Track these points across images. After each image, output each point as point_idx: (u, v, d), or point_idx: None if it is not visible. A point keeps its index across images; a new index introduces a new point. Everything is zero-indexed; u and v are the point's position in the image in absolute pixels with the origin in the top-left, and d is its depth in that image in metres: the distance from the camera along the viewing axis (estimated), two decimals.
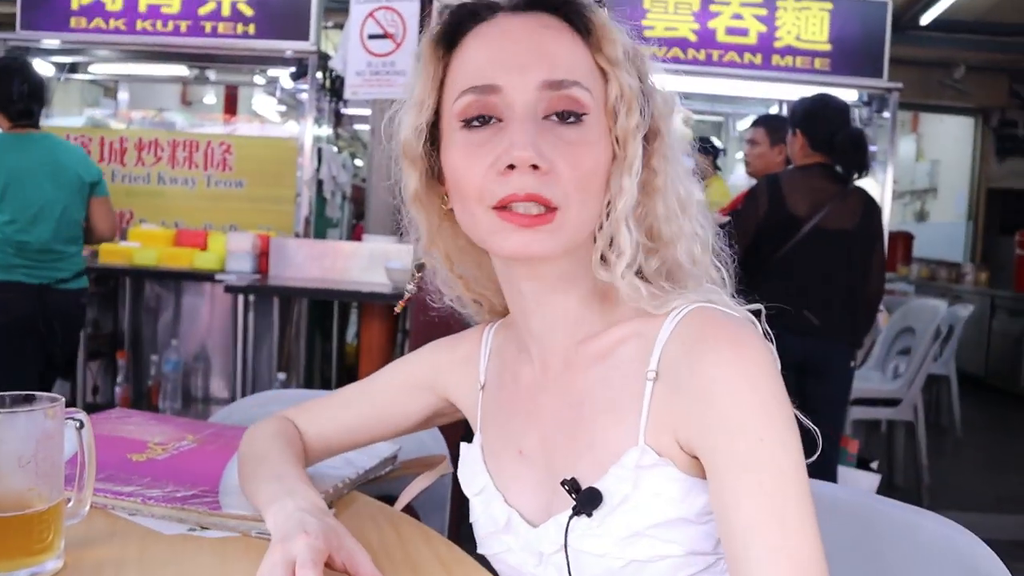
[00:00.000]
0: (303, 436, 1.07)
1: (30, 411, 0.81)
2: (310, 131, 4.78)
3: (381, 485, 1.21)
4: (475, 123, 0.80)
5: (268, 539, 0.85)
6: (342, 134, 6.27)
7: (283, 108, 7.98)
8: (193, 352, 4.63)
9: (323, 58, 4.86)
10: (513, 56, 0.79)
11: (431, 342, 1.08)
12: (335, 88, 5.03)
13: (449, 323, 1.09)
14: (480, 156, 0.79)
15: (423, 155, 0.86)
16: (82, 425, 0.88)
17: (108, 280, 4.66)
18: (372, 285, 3.99)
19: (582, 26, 0.81)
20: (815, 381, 2.92)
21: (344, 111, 5.69)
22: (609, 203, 0.81)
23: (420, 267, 0.96)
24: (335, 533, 0.81)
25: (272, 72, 5.67)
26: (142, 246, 4.46)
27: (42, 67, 5.51)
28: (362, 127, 7.09)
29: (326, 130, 5.24)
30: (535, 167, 0.76)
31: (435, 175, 0.88)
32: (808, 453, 0.81)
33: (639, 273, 0.83)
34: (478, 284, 0.98)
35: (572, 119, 0.79)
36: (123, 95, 6.41)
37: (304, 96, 4.88)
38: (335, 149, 5.48)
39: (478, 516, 0.96)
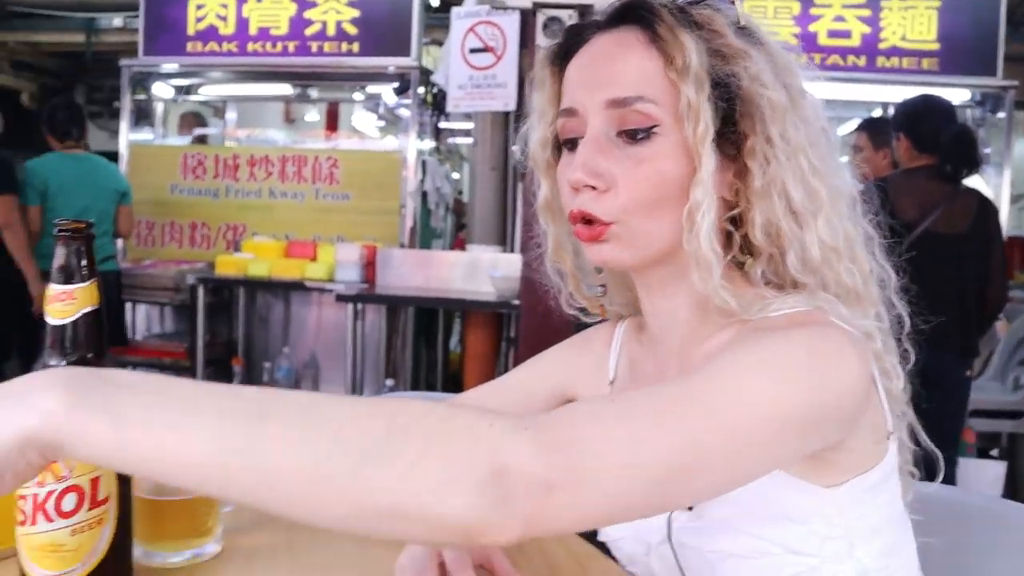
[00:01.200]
0: None
1: None
2: (413, 144, 4.90)
3: None
4: (568, 144, 0.85)
5: None
6: (441, 148, 6.39)
7: (382, 123, 8.17)
8: (303, 359, 4.79)
9: (424, 73, 4.97)
10: (587, 78, 0.82)
11: (562, 342, 1.10)
12: (436, 102, 5.14)
13: (558, 328, 1.11)
14: (565, 175, 0.84)
15: (550, 164, 0.90)
16: None
17: (223, 290, 4.87)
18: (476, 294, 4.06)
19: (655, 37, 0.80)
20: (929, 391, 2.82)
21: (442, 125, 5.80)
22: (688, 213, 0.80)
23: (599, 268, 0.97)
24: None
25: (373, 88, 5.83)
26: (255, 258, 4.64)
27: (162, 90, 5.83)
28: (460, 140, 7.22)
29: (428, 143, 5.35)
30: (591, 187, 0.80)
31: None
32: (928, 476, 0.79)
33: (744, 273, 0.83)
34: (610, 291, 1.00)
35: (641, 135, 0.80)
36: (231, 115, 6.69)
37: (403, 111, 5.01)
38: (437, 160, 5.59)
39: None
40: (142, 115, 5.77)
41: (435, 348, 4.87)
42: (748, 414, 0.64)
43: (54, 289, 0.73)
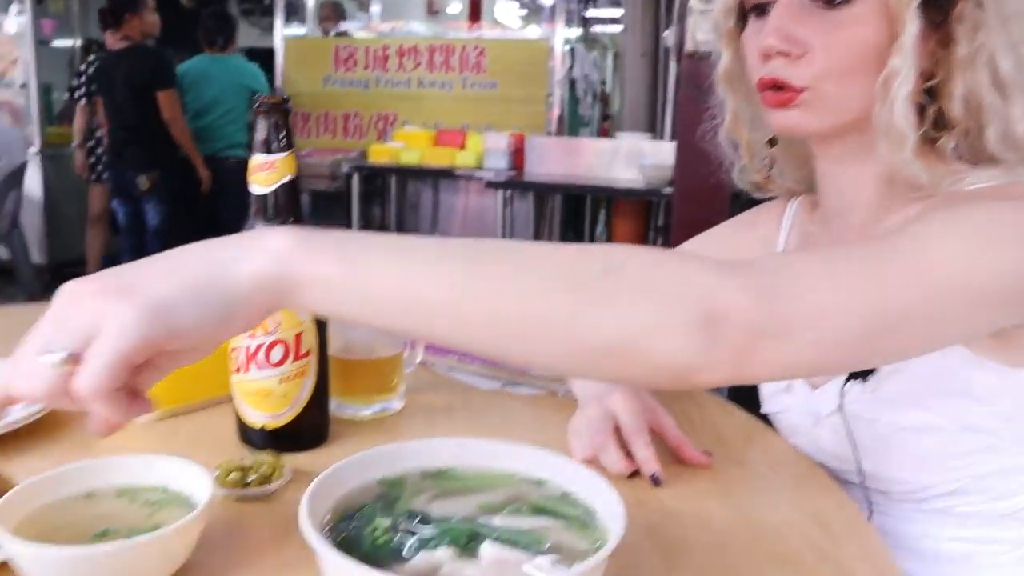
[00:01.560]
0: None
1: None
2: (560, 32, 4.82)
3: None
4: (757, 9, 0.82)
5: (573, 399, 0.92)
6: (586, 37, 6.24)
7: (524, 12, 8.04)
8: None
9: None
10: None
11: (725, 222, 1.09)
12: None
13: (715, 213, 1.09)
14: (753, 43, 0.81)
15: (734, 34, 0.87)
16: None
17: (376, 178, 5.03)
18: (623, 182, 4.02)
19: None
20: None
21: (589, 14, 5.65)
22: (883, 80, 0.76)
23: (772, 142, 0.94)
24: (645, 394, 0.86)
25: None
26: (406, 146, 4.75)
27: None
28: (606, 28, 7.02)
29: (576, 31, 5.24)
30: (783, 52, 0.77)
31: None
32: None
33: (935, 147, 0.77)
34: (782, 167, 0.97)
35: (833, 2, 0.75)
36: (375, 8, 6.73)
37: (546, 1, 4.91)
38: (584, 48, 5.48)
39: (766, 389, 0.98)
40: (292, 11, 5.89)
41: (582, 236, 4.88)
42: (949, 278, 0.62)
43: (257, 160, 0.78)
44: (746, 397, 1.02)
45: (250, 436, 0.83)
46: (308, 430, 0.84)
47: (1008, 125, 0.76)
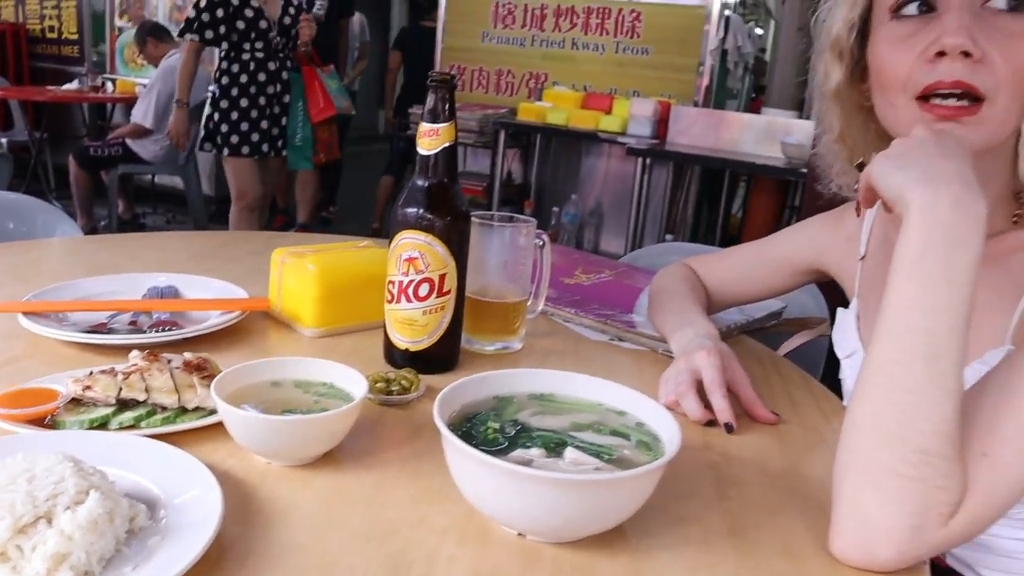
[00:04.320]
0: (703, 282, 1.26)
1: (514, 227, 1.09)
2: None
3: (762, 337, 1.36)
4: (906, 12, 0.82)
5: (671, 357, 1.06)
6: (747, 1, 6.12)
7: None
8: (589, 207, 5.05)
9: None
10: None
11: (818, 216, 1.17)
12: None
13: (842, 199, 1.16)
14: (908, 46, 0.81)
15: (851, 50, 0.91)
16: (544, 245, 1.15)
17: (522, 136, 5.20)
18: (765, 159, 4.02)
19: None
20: None
21: None
22: None
23: (861, 166, 1.00)
24: (727, 355, 0.99)
25: None
26: (554, 107, 4.89)
27: None
28: None
29: None
30: (966, 54, 0.76)
31: (859, 72, 0.92)
32: None
33: None
34: None
35: (1016, 7, 0.78)
36: None
37: None
38: (740, 17, 5.41)
39: (846, 376, 1.08)
40: None
41: (717, 209, 4.90)
42: None
43: (424, 127, 0.95)
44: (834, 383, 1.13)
45: (394, 356, 1.02)
46: (442, 356, 1.02)
47: None
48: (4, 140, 5.79)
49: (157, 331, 1.04)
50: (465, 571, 0.63)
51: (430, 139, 0.95)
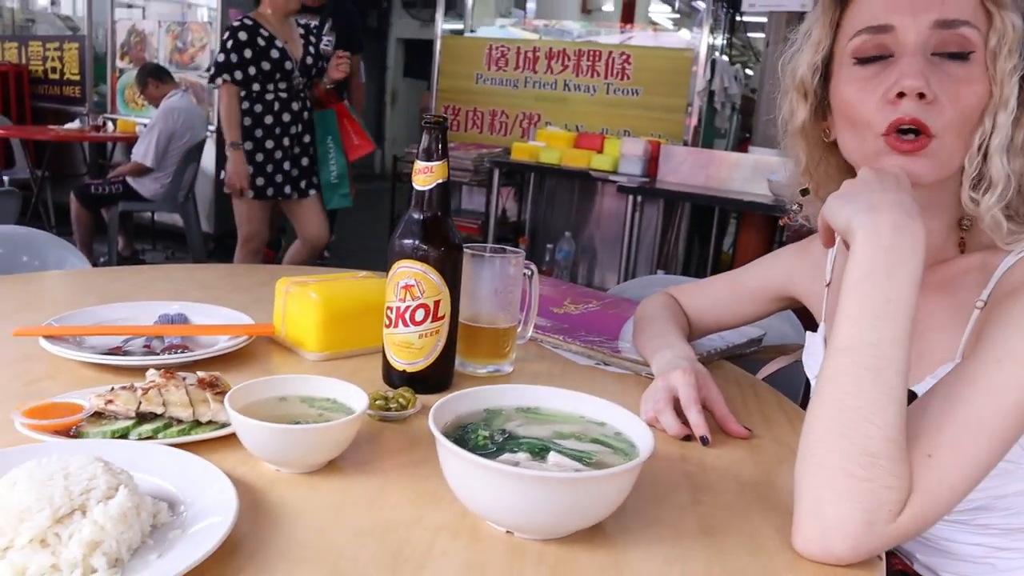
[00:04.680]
0: (684, 310, 1.33)
1: (503, 257, 1.16)
2: (705, 42, 4.93)
3: (744, 363, 1.43)
4: (867, 60, 0.91)
5: (652, 379, 1.12)
6: (736, 42, 6.30)
7: (677, 16, 8.11)
8: (583, 243, 5.14)
9: None
10: (907, 0, 0.88)
11: (786, 246, 1.25)
12: (731, 0, 5.09)
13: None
14: (872, 87, 0.90)
15: (815, 91, 0.99)
16: (532, 274, 1.22)
17: (516, 174, 5.31)
18: (752, 196, 4.12)
19: None
20: None
21: (741, 18, 5.71)
22: (982, 137, 0.88)
23: (804, 192, 1.06)
24: (702, 374, 1.06)
25: None
26: (547, 146, 5.00)
27: None
28: (757, 35, 7.01)
29: (720, 39, 5.33)
30: (921, 96, 0.85)
31: (821, 110, 1.01)
32: None
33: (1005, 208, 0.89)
34: None
35: (959, 57, 0.87)
36: (531, 5, 7.00)
37: (699, 2, 5.01)
38: (727, 59, 5.56)
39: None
40: (450, 6, 6.23)
41: (708, 246, 5.00)
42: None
43: (419, 165, 1.03)
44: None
45: (392, 377, 1.08)
46: (437, 377, 1.08)
47: None
48: (6, 177, 5.88)
49: (169, 354, 1.10)
50: (457, 564, 0.69)
51: (425, 176, 1.03)
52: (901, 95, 0.87)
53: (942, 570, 1.01)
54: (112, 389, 0.88)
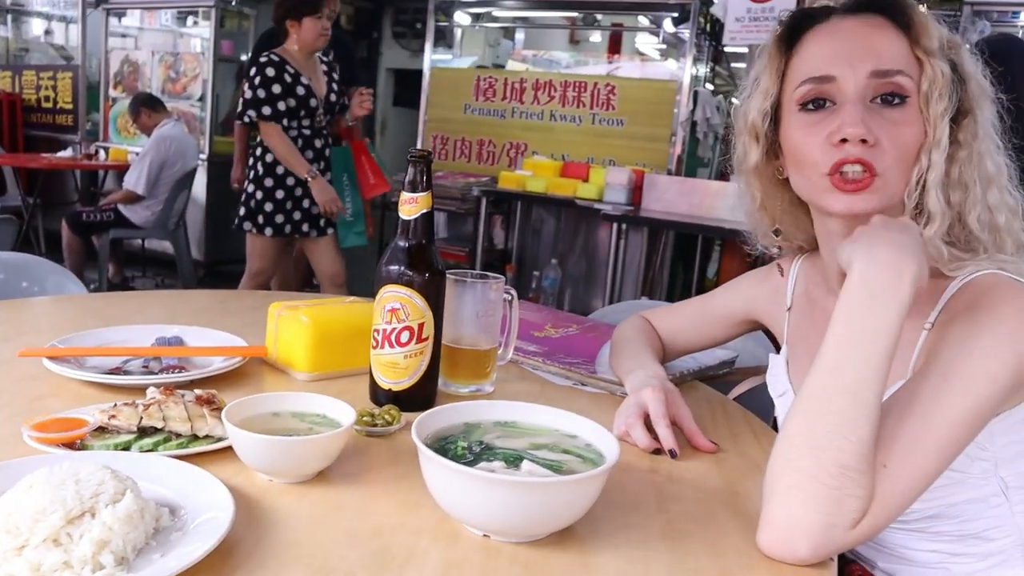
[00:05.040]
0: (658, 333, 1.40)
1: (484, 283, 1.23)
2: (688, 73, 5.05)
3: (717, 385, 1.49)
4: (811, 106, 0.99)
5: (626, 396, 1.19)
6: (720, 72, 6.43)
7: (663, 47, 8.26)
8: (569, 271, 5.22)
9: (704, 3, 5.07)
10: (847, 52, 0.97)
11: (748, 273, 1.33)
12: (715, 32, 5.23)
13: None
14: (816, 132, 0.97)
15: (765, 134, 1.07)
16: (512, 299, 1.28)
17: (503, 203, 5.39)
18: (734, 223, 4.19)
19: (903, 23, 0.97)
20: None
21: (725, 49, 5.85)
22: (919, 174, 0.96)
23: (777, 232, 1.15)
24: (672, 392, 1.12)
25: (654, 15, 6.00)
26: (533, 175, 5.10)
27: (461, 18, 6.38)
28: (740, 66, 7.16)
29: (704, 70, 5.46)
30: (864, 141, 0.94)
31: (773, 150, 1.08)
32: None
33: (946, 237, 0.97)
34: (792, 235, 1.18)
35: (896, 101, 0.96)
36: (519, 36, 7.14)
37: (685, 34, 5.15)
38: (711, 90, 5.69)
39: (779, 413, 1.22)
40: (440, 37, 6.35)
41: (692, 272, 5.08)
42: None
43: (405, 195, 1.09)
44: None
45: (378, 395, 1.14)
46: (421, 395, 1.14)
47: (987, 214, 0.98)
48: None
49: (167, 374, 1.16)
50: (437, 563, 0.75)
51: (410, 206, 1.10)
52: (844, 140, 0.95)
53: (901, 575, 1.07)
54: (115, 405, 0.93)
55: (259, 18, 6.95)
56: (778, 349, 1.29)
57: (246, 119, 3.61)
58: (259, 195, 3.73)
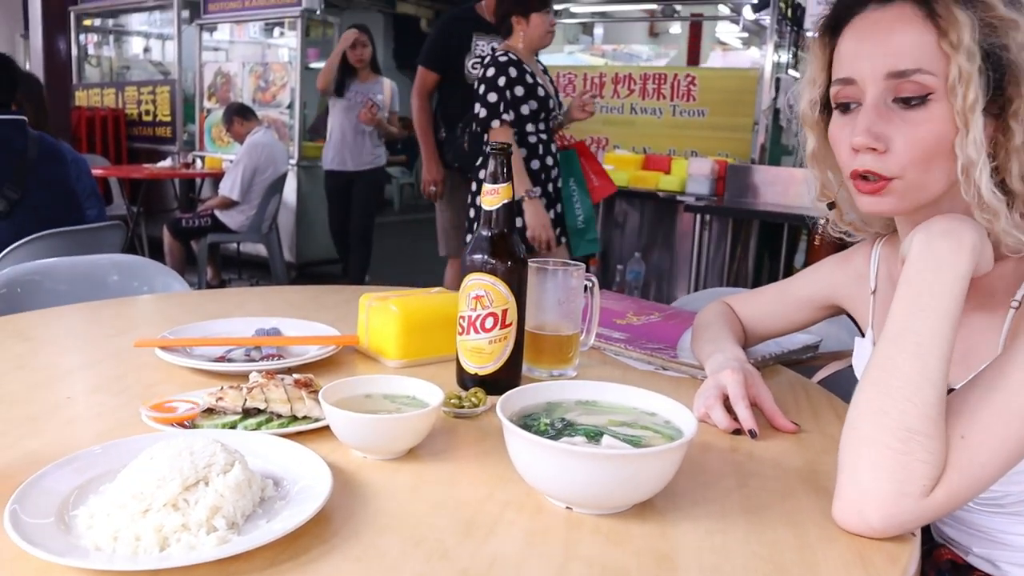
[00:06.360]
0: (739, 317, 1.40)
1: (565, 270, 1.26)
2: (770, 60, 4.96)
3: (801, 370, 1.49)
4: (843, 107, 0.99)
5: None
6: (803, 57, 6.30)
7: (745, 35, 8.13)
8: (652, 264, 5.20)
9: None
10: (867, 51, 0.95)
11: (829, 257, 1.32)
12: (796, 17, 5.12)
13: None
14: (844, 135, 0.99)
15: (819, 122, 1.07)
16: (592, 285, 1.31)
17: None
18: (823, 212, 4.12)
19: (931, 13, 0.92)
20: None
21: (807, 33, 5.73)
22: (963, 169, 0.93)
23: (831, 205, 1.16)
24: (751, 373, 1.13)
25: (735, 3, 5.91)
26: (615, 169, 5.08)
27: None
28: None
29: (787, 56, 5.36)
30: (872, 148, 0.94)
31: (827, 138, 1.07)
32: None
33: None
34: (869, 221, 1.18)
35: (916, 102, 0.92)
36: (598, 31, 7.12)
37: (766, 20, 5.06)
38: (794, 77, 5.57)
39: None
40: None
41: (778, 261, 5.00)
42: None
43: (487, 187, 1.14)
44: None
45: (465, 380, 1.19)
46: (505, 379, 1.18)
47: None
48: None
49: (266, 362, 1.24)
50: (521, 532, 0.79)
51: (492, 197, 1.14)
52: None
53: (1000, 561, 1.06)
54: (222, 388, 1.00)
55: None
56: (862, 334, 1.29)
57: (495, 125, 3.16)
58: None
